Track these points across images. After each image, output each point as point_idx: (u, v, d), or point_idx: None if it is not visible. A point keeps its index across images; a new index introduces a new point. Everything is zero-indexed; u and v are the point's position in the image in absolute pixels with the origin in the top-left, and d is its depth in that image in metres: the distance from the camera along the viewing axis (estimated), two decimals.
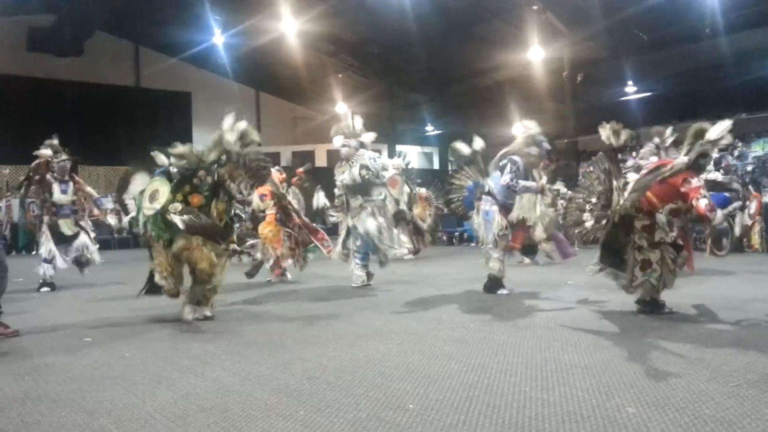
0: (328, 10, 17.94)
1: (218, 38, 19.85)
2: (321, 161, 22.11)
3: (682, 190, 4.57)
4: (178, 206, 4.90)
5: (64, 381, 3.40)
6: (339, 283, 7.52)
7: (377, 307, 5.73)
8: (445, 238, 17.13)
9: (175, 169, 5.08)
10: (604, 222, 4.85)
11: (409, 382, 3.16)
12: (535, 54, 17.47)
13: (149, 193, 5.02)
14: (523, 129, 6.48)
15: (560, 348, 3.87)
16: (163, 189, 4.95)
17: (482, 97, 22.12)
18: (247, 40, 19.75)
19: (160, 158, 5.27)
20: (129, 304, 6.30)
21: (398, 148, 27.07)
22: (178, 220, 4.82)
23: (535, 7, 16.30)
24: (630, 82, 19.52)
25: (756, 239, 11.23)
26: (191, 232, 4.91)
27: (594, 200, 4.95)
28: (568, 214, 5.22)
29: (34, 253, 16.95)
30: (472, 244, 13.01)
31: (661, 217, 4.75)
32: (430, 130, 26.67)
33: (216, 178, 5.11)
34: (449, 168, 26.84)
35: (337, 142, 7.23)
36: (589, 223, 4.95)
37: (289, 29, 18.26)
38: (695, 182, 4.54)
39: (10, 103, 18.46)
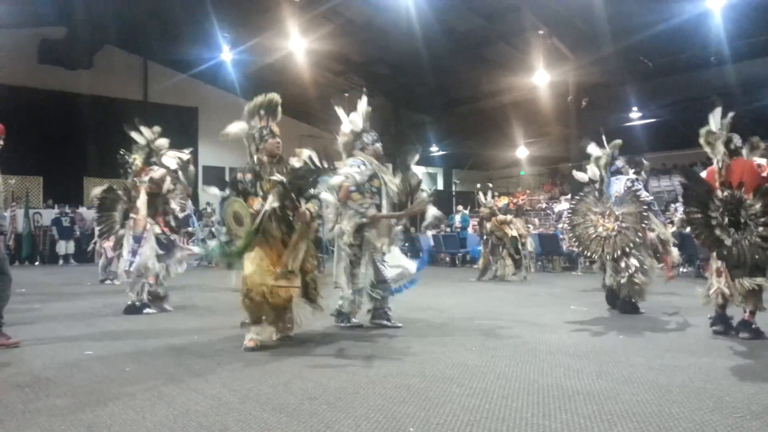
0: (337, 29, 18.14)
1: (226, 55, 20.02)
2: None
3: (764, 174, 4.93)
4: (256, 203, 4.71)
5: (64, 394, 3.39)
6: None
7: (378, 329, 5.71)
8: (448, 259, 17.12)
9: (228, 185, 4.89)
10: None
11: (411, 405, 3.15)
12: (541, 78, 17.62)
13: (231, 218, 4.73)
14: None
15: (563, 374, 3.85)
16: (239, 207, 4.68)
17: (487, 119, 22.27)
18: (255, 57, 19.93)
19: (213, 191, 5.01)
20: (131, 317, 6.30)
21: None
22: (269, 204, 4.62)
23: (541, 32, 16.46)
24: (635, 108, 19.63)
25: None
26: (285, 198, 4.66)
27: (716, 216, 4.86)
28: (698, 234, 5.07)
29: (37, 263, 17.13)
30: (475, 266, 12.98)
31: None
32: (435, 150, 26.78)
33: (257, 171, 4.81)
34: (453, 189, 26.96)
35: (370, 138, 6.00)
36: (728, 241, 4.78)
37: (297, 48, 18.43)
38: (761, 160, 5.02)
39: (19, 113, 18.53)
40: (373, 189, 5.67)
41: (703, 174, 5.46)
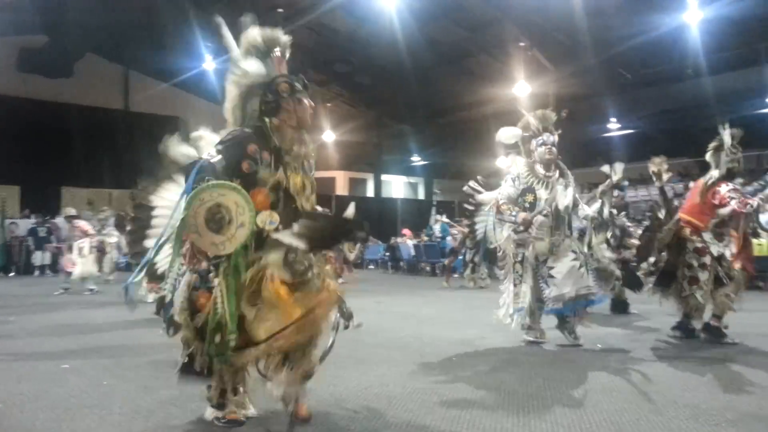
0: (321, 40, 18.19)
1: (209, 64, 19.97)
2: None
3: (715, 203, 5.00)
4: (268, 215, 2.80)
5: (40, 409, 3.34)
6: None
7: (360, 339, 5.69)
8: (428, 268, 17.15)
9: (216, 159, 2.81)
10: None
11: (391, 416, 3.14)
12: (521, 89, 17.81)
13: (201, 218, 2.70)
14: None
15: (542, 384, 3.87)
16: (238, 198, 2.70)
17: (468, 129, 22.44)
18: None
19: (179, 150, 3.28)
20: (108, 330, 6.22)
21: (384, 177, 27.37)
22: (288, 239, 2.68)
23: (522, 44, 16.66)
24: (613, 119, 19.90)
25: None
26: (313, 247, 2.78)
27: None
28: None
29: (12, 274, 16.84)
30: (455, 275, 13.00)
31: (707, 235, 5.12)
32: (417, 160, 26.90)
33: (276, 146, 2.95)
34: (433, 199, 27.06)
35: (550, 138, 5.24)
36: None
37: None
38: (723, 189, 4.97)
39: None
40: (526, 204, 5.11)
41: (692, 184, 5.65)
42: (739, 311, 5.24)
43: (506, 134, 5.33)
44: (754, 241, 10.73)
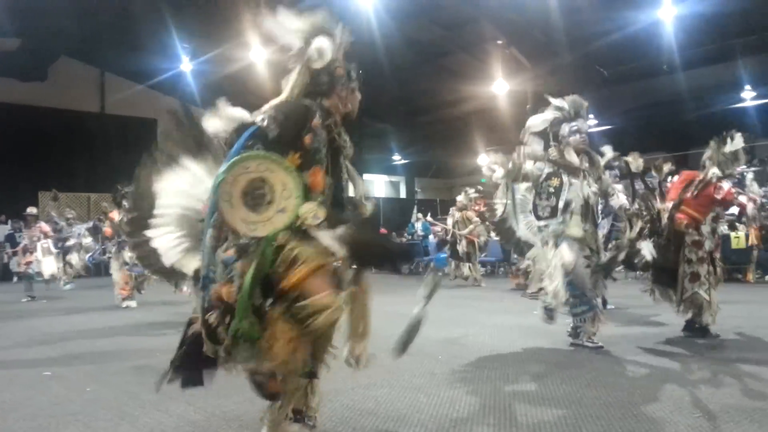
0: None
1: (186, 66, 19.79)
2: None
3: (718, 197, 5.07)
4: (315, 209, 2.39)
5: (23, 418, 3.29)
6: None
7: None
8: (411, 267, 17.16)
9: (270, 127, 2.43)
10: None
11: (378, 417, 3.15)
12: (500, 87, 17.92)
13: (239, 193, 2.32)
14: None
15: (529, 380, 3.90)
16: (287, 179, 2.33)
17: (449, 128, 22.50)
18: (216, 68, 19.73)
19: (227, 113, 2.56)
20: (91, 336, 6.15)
21: (365, 177, 27.36)
22: (329, 240, 2.37)
23: (499, 42, 16.74)
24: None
25: None
26: (354, 260, 2.48)
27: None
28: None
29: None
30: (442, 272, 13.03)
31: (706, 228, 5.19)
32: (398, 159, 26.90)
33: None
34: (415, 198, 27.11)
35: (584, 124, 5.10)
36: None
37: (259, 58, 18.34)
38: (726, 185, 5.09)
39: None
40: (550, 189, 4.81)
41: (678, 177, 5.68)
42: (722, 303, 5.29)
43: (537, 121, 5.08)
44: (732, 234, 11.00)
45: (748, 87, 16.89)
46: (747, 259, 11.00)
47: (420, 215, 18.43)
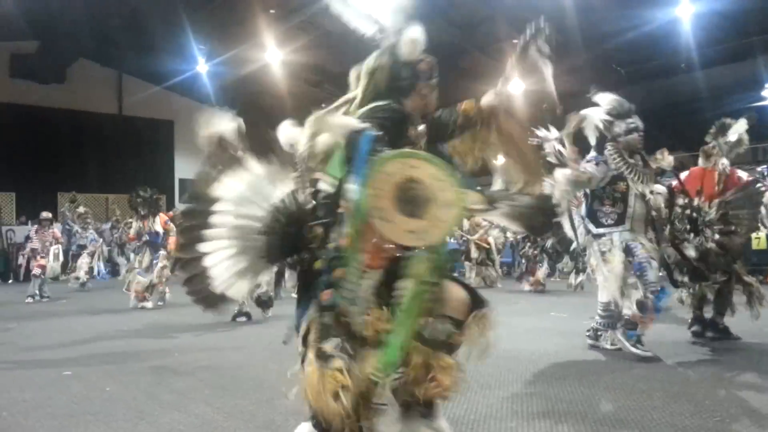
0: (313, 40, 18.15)
1: (202, 67, 19.92)
2: None
3: (743, 181, 5.22)
4: (477, 195, 2.43)
5: (44, 417, 3.33)
6: None
7: None
8: None
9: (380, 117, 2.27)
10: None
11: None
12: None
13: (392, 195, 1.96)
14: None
15: (545, 382, 3.88)
16: (434, 170, 2.00)
17: None
18: (232, 69, 19.85)
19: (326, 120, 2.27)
20: (109, 336, 6.21)
21: None
22: (498, 219, 2.36)
23: (515, 41, 16.66)
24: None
25: None
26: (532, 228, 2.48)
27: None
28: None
29: (10, 281, 16.78)
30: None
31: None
32: None
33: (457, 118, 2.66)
34: None
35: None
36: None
37: (274, 59, 18.43)
38: (743, 174, 5.29)
39: None
40: (616, 194, 4.51)
41: (683, 175, 5.58)
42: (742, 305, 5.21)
43: (595, 114, 4.78)
44: (753, 234, 10.86)
45: (767, 85, 16.67)
46: None
47: None
